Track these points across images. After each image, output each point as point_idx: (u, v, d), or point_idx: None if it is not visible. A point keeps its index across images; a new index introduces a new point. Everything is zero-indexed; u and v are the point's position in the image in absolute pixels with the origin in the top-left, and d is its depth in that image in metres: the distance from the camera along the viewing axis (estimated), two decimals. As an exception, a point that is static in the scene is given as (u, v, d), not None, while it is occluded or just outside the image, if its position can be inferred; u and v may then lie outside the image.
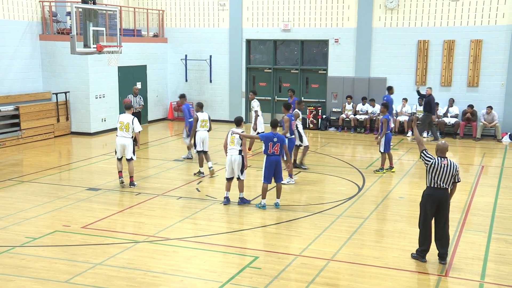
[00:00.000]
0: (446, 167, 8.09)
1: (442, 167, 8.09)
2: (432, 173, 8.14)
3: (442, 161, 8.13)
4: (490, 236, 9.55)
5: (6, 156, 15.86)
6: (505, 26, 19.03)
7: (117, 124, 12.29)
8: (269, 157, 10.79)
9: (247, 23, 22.20)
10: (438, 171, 8.10)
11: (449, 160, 8.17)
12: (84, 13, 14.44)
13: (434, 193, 8.18)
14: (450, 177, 8.11)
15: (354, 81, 20.88)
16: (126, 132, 12.20)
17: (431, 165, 8.15)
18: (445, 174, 8.09)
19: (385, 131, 13.70)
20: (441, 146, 8.23)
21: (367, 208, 11.09)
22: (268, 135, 10.81)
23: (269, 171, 10.81)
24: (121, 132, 12.22)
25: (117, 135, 12.30)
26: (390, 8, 20.28)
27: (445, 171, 8.08)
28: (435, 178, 8.13)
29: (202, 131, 13.47)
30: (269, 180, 10.88)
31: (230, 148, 10.99)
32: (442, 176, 8.09)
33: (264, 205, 10.91)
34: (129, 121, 12.20)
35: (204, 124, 13.48)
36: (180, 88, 23.33)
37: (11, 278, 7.66)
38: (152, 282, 7.59)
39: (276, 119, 11.31)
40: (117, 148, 12.35)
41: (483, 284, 7.65)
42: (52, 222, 10.08)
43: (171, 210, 11.02)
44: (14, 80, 18.35)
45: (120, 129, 12.21)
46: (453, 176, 8.12)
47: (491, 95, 19.46)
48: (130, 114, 12.38)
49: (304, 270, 8.01)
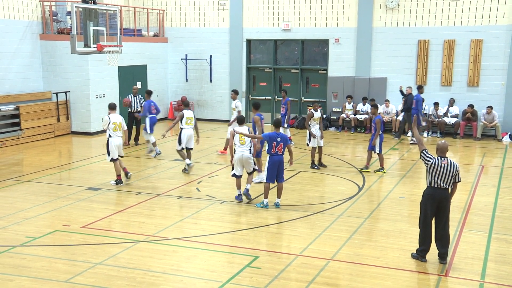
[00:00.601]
0: (446, 166, 8.08)
1: (442, 166, 8.08)
2: (432, 173, 8.13)
3: (442, 160, 8.12)
4: (490, 236, 9.55)
5: (6, 155, 15.87)
6: (505, 26, 19.03)
7: (111, 125, 12.36)
8: (273, 157, 10.79)
9: (247, 22, 22.21)
10: (438, 171, 8.09)
11: (450, 160, 8.17)
12: (84, 12, 14.44)
13: (434, 193, 8.17)
14: (450, 177, 8.11)
15: (354, 81, 20.88)
16: (120, 132, 12.51)
17: (431, 165, 8.14)
18: (445, 174, 8.08)
19: (378, 132, 13.66)
20: (441, 146, 8.23)
21: (367, 208, 11.09)
22: (272, 134, 10.82)
23: (272, 171, 10.81)
24: (116, 133, 12.41)
25: (112, 136, 12.39)
26: (390, 8, 20.28)
27: (445, 170, 8.07)
28: (435, 178, 8.13)
29: (188, 128, 13.67)
30: (272, 180, 10.89)
31: (239, 146, 11.19)
32: (442, 175, 8.08)
33: (266, 204, 10.94)
34: (121, 120, 12.57)
35: (190, 122, 13.68)
36: (180, 88, 23.37)
37: (11, 278, 7.66)
38: (152, 282, 7.59)
39: (279, 119, 11.32)
40: (114, 149, 12.43)
41: (483, 284, 7.65)
42: (52, 222, 10.08)
43: (171, 210, 11.03)
44: (14, 79, 18.36)
45: (115, 130, 12.38)
46: (453, 176, 8.12)
47: (491, 95, 19.46)
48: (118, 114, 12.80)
49: (304, 269, 8.01)
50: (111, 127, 12.36)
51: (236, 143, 11.22)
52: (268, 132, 10.96)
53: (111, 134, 12.38)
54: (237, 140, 11.19)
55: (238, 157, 11.22)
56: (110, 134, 12.39)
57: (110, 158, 12.51)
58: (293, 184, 12.83)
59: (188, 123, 13.67)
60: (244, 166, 11.33)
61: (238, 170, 11.30)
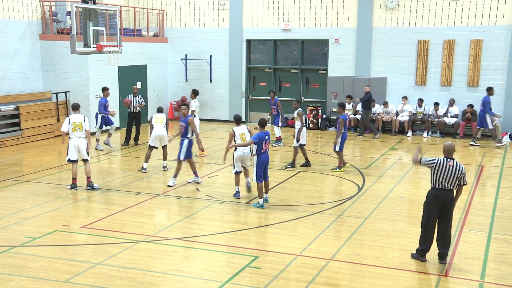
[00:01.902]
0: (451, 168, 8.05)
1: (448, 167, 8.05)
2: (436, 173, 8.11)
3: (448, 162, 8.10)
4: (490, 236, 9.55)
5: (6, 156, 15.86)
6: (505, 26, 19.03)
7: (69, 126, 11.89)
8: (261, 156, 10.95)
9: (247, 22, 22.20)
10: (442, 172, 8.06)
11: (456, 162, 8.13)
12: (84, 12, 14.45)
13: (438, 194, 8.15)
14: (454, 178, 8.07)
15: (354, 81, 20.87)
16: (80, 132, 11.98)
17: (437, 165, 8.11)
18: (449, 175, 8.05)
19: (341, 131, 13.86)
20: (448, 147, 8.21)
21: (367, 208, 11.09)
22: (261, 135, 10.94)
23: (260, 170, 10.98)
24: (75, 133, 11.95)
25: (71, 137, 11.96)
26: (390, 8, 20.28)
27: (450, 171, 8.04)
28: (440, 179, 8.10)
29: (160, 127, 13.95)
30: (261, 179, 11.03)
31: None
32: (446, 176, 8.05)
33: (262, 204, 10.97)
34: (81, 120, 11.98)
35: (160, 121, 14.02)
36: (180, 88, 23.36)
37: (11, 278, 7.66)
38: (152, 282, 7.59)
39: (264, 119, 11.34)
40: (73, 150, 11.99)
41: (483, 284, 7.65)
42: (52, 222, 10.08)
43: (171, 210, 11.03)
44: (14, 79, 18.36)
45: (74, 130, 11.92)
46: (458, 178, 8.09)
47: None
48: (79, 114, 12.15)
49: (304, 270, 8.01)
50: (71, 128, 11.89)
51: (237, 141, 11.43)
52: (257, 133, 11.00)
53: (70, 135, 11.93)
54: (238, 139, 11.42)
55: (240, 155, 11.44)
56: (70, 135, 11.93)
57: (68, 159, 12.10)
58: (293, 184, 12.82)
59: (159, 122, 14.00)
60: (243, 162, 11.62)
61: (239, 167, 11.58)
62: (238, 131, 11.45)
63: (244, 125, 11.71)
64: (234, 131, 11.42)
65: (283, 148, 17.22)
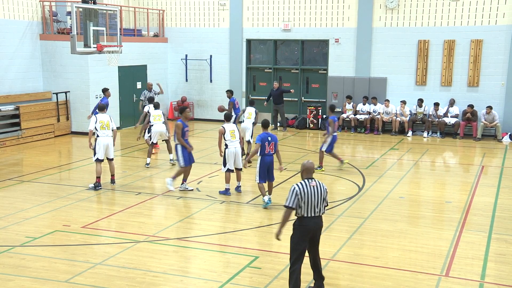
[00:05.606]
0: (315, 188, 6.91)
1: (312, 189, 6.87)
2: (304, 200, 6.83)
3: (310, 182, 6.93)
4: (490, 236, 9.55)
5: (6, 156, 15.87)
6: (505, 26, 19.03)
7: (97, 123, 11.99)
8: (264, 157, 10.94)
9: (247, 23, 22.20)
10: (307, 196, 6.83)
11: (317, 181, 7.01)
12: (84, 12, 14.45)
13: (309, 224, 6.91)
14: (321, 200, 6.97)
15: (354, 81, 20.87)
16: (108, 131, 12.09)
17: (300, 192, 6.82)
18: (316, 198, 6.88)
19: (332, 132, 13.92)
20: (307, 166, 7.04)
21: (367, 208, 11.09)
22: (263, 136, 10.93)
23: (263, 171, 10.98)
24: (104, 131, 12.01)
25: (100, 135, 11.99)
26: (390, 8, 20.27)
27: (315, 193, 6.89)
28: (308, 205, 6.86)
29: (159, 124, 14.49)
30: (264, 180, 11.04)
31: (231, 141, 11.69)
32: (314, 200, 6.87)
33: (267, 202, 11.00)
34: (108, 119, 12.13)
35: (159, 118, 14.50)
36: (180, 88, 23.37)
37: (11, 278, 7.66)
38: (152, 282, 7.59)
39: (267, 120, 11.34)
40: (102, 149, 12.02)
41: (483, 284, 7.65)
42: (52, 222, 10.08)
43: (171, 210, 11.03)
44: (14, 79, 18.36)
45: (102, 128, 11.99)
46: (324, 199, 7.02)
47: (491, 95, 19.45)
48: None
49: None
50: (99, 126, 11.98)
51: (227, 138, 11.62)
52: (259, 135, 11.01)
53: (98, 133, 12.01)
54: (228, 135, 11.61)
55: (232, 151, 11.65)
56: (98, 134, 12.01)
57: (96, 158, 12.10)
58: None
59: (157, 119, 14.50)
60: (236, 160, 11.74)
61: (231, 165, 11.72)
62: (228, 128, 11.69)
63: (233, 124, 12.03)
64: (224, 128, 11.67)
65: (282, 148, 17.18)
